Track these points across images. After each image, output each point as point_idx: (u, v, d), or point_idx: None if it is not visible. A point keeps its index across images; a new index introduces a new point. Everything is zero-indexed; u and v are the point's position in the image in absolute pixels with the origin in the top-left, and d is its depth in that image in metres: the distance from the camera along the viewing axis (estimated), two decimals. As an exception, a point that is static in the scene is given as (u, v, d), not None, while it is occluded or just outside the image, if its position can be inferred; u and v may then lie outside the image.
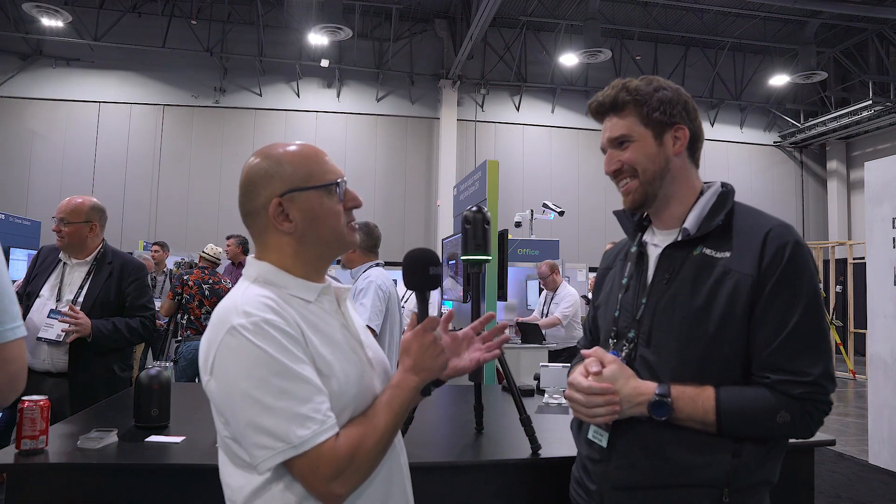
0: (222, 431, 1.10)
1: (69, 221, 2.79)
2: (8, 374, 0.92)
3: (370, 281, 2.99)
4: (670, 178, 1.32)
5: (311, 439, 1.00)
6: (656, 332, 1.28)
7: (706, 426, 1.21)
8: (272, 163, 1.17)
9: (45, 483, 1.69)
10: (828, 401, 1.20)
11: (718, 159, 14.54)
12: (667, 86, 1.33)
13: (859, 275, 8.36)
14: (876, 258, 4.73)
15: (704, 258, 1.26)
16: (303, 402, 1.01)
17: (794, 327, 1.18)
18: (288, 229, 1.13)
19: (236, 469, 1.09)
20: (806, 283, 1.21)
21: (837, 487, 4.19)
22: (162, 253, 7.42)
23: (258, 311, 1.04)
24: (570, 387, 1.30)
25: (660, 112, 1.30)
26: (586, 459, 1.38)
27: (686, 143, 1.33)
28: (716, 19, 13.14)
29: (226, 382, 1.03)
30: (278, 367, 1.01)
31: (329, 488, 1.02)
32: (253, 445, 1.01)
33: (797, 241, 1.22)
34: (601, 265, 1.57)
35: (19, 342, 0.93)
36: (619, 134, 1.32)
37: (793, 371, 1.18)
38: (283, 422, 0.99)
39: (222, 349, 1.03)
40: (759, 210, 1.32)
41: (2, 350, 0.90)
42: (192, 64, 12.62)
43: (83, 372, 2.67)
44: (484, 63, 13.60)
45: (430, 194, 13.42)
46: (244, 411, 1.01)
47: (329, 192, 1.16)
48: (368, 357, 1.20)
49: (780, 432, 1.23)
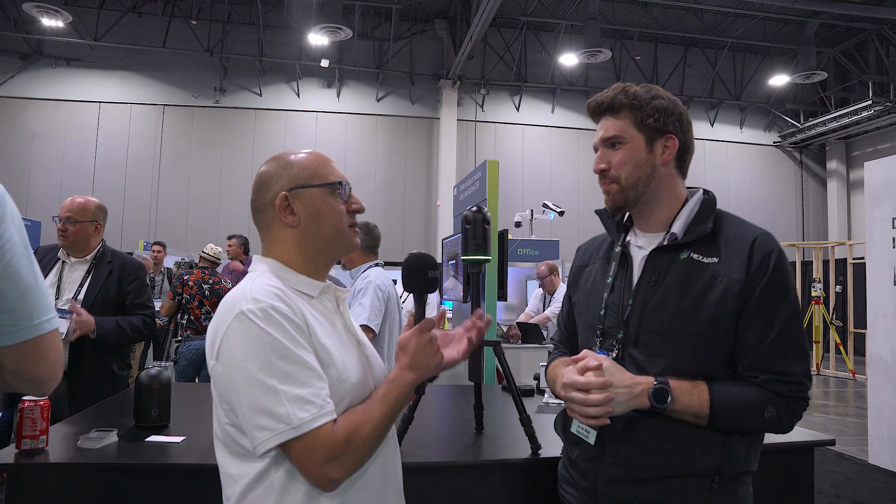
0: (223, 419, 1.12)
1: (76, 220, 2.80)
2: (48, 364, 0.96)
3: (369, 281, 2.99)
4: (655, 185, 1.37)
5: (310, 422, 1.03)
6: (644, 332, 1.32)
7: (699, 419, 1.26)
8: (282, 164, 1.24)
9: (45, 483, 1.68)
10: (807, 397, 1.30)
11: (718, 159, 14.55)
12: (665, 96, 1.38)
13: (859, 275, 8.37)
14: (876, 258, 4.73)
15: (692, 262, 1.32)
16: (304, 385, 1.05)
17: (779, 330, 1.27)
18: (292, 223, 1.20)
19: (235, 459, 1.12)
20: (789, 290, 1.30)
21: (837, 487, 4.19)
22: (163, 253, 7.43)
23: (266, 298, 1.09)
24: (566, 387, 1.31)
25: (654, 119, 1.34)
26: (576, 457, 1.40)
27: (674, 153, 1.37)
28: (716, 19, 13.14)
29: (231, 364, 1.07)
30: (283, 351, 1.05)
31: (324, 471, 1.05)
32: (254, 427, 1.04)
33: (780, 249, 1.31)
34: (575, 262, 1.60)
35: (54, 333, 0.97)
36: (613, 134, 1.37)
37: (779, 371, 1.27)
38: (285, 404, 1.03)
39: (229, 333, 1.07)
40: (741, 217, 1.39)
41: (40, 341, 0.94)
42: (192, 64, 12.63)
43: (83, 371, 2.68)
44: (484, 63, 13.61)
45: (430, 194, 13.43)
46: (248, 393, 1.04)
47: (333, 192, 1.22)
48: (366, 355, 1.26)
49: (766, 427, 1.30)
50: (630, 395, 1.26)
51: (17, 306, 0.91)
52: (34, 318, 0.93)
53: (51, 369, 0.98)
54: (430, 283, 1.26)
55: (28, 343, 0.92)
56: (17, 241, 0.91)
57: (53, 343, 0.97)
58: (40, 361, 0.95)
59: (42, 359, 0.95)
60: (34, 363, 0.95)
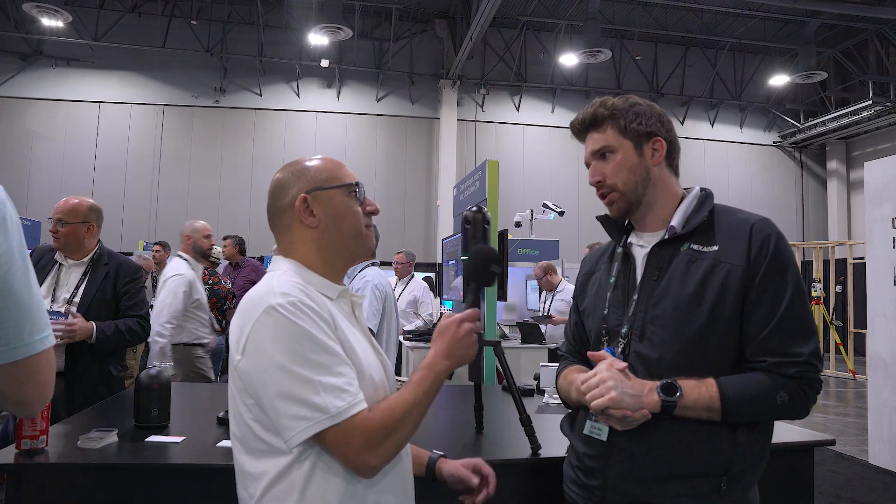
0: (245, 415, 1.12)
1: (66, 222, 2.78)
2: (37, 386, 0.90)
3: (367, 281, 2.98)
4: (651, 186, 1.41)
5: (347, 410, 1.05)
6: (649, 325, 1.33)
7: (712, 413, 1.25)
8: (298, 169, 1.26)
9: (45, 483, 1.68)
10: (818, 378, 1.28)
11: (718, 159, 14.55)
12: (641, 102, 1.43)
13: (859, 275, 8.36)
14: (876, 258, 4.73)
15: (692, 253, 1.34)
16: (337, 375, 1.07)
17: (785, 311, 1.26)
18: (312, 223, 1.22)
19: (255, 457, 1.12)
20: (791, 271, 1.30)
21: (837, 487, 4.19)
22: (164, 253, 7.42)
23: (294, 292, 1.11)
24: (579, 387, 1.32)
25: (636, 123, 1.39)
26: (584, 456, 1.40)
27: (664, 153, 1.41)
28: (716, 19, 13.14)
29: (261, 358, 1.07)
30: (315, 343, 1.07)
31: (362, 458, 1.07)
32: (289, 417, 1.05)
33: (779, 232, 1.32)
34: (582, 271, 1.61)
35: (48, 352, 0.90)
36: (601, 146, 1.41)
37: (786, 353, 1.26)
38: (321, 393, 1.04)
39: (257, 327, 1.08)
40: (736, 208, 1.41)
41: (31, 362, 0.87)
42: (192, 64, 12.63)
43: (80, 372, 2.67)
44: (484, 63, 13.61)
45: (430, 194, 13.43)
46: (280, 384, 1.05)
47: (349, 193, 1.25)
48: (382, 358, 1.28)
49: (780, 413, 1.29)
50: (638, 396, 1.26)
51: (9, 324, 0.84)
52: (25, 338, 0.86)
53: (40, 391, 0.91)
54: (490, 276, 1.31)
55: (18, 364, 0.86)
56: (15, 254, 0.85)
57: (46, 364, 0.90)
58: (28, 383, 0.88)
59: (31, 380, 0.88)
60: (22, 385, 0.88)
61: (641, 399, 1.26)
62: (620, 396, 1.25)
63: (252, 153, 12.82)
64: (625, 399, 1.25)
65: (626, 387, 1.26)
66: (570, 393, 1.45)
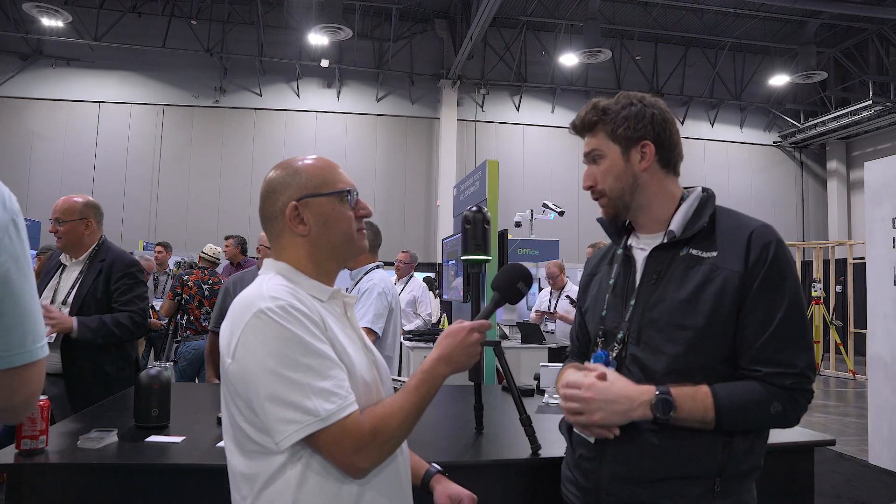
0: (236, 417, 1.12)
1: (64, 220, 2.78)
2: (25, 395, 0.91)
3: (374, 283, 2.97)
4: (641, 191, 1.39)
5: (337, 413, 1.05)
6: (645, 329, 1.32)
7: (705, 424, 1.24)
8: (290, 172, 1.25)
9: (45, 483, 1.68)
10: (811, 390, 1.28)
11: (718, 159, 14.55)
12: (636, 101, 1.39)
13: (859, 275, 8.36)
14: (876, 258, 4.73)
15: (691, 258, 1.32)
16: (327, 378, 1.07)
17: (781, 321, 1.25)
18: (302, 232, 1.22)
19: (249, 458, 1.12)
20: (790, 280, 1.28)
21: (837, 487, 4.19)
22: (165, 253, 7.43)
23: (284, 296, 1.11)
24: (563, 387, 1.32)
25: (624, 128, 1.37)
26: (579, 457, 1.41)
27: (652, 157, 1.38)
28: (716, 19, 13.14)
29: (251, 361, 1.07)
30: (304, 346, 1.07)
31: (352, 460, 1.07)
32: (279, 420, 1.05)
33: (779, 239, 1.30)
34: (585, 272, 1.61)
35: (39, 363, 0.91)
36: (591, 149, 1.42)
37: (782, 363, 1.25)
38: (311, 397, 1.05)
39: (247, 330, 1.08)
40: (739, 212, 1.39)
41: (23, 371, 0.88)
42: (192, 64, 12.63)
43: (77, 371, 2.66)
44: (484, 63, 13.61)
45: (430, 194, 13.43)
46: (270, 388, 1.05)
47: (341, 199, 1.25)
48: (373, 358, 1.28)
49: (773, 422, 1.29)
50: (631, 405, 1.25)
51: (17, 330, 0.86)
52: (28, 345, 0.87)
53: (29, 399, 0.91)
54: (516, 293, 1.38)
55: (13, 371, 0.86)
56: (28, 262, 0.86)
57: (35, 373, 0.91)
58: (21, 391, 0.89)
59: (24, 388, 0.89)
60: (14, 393, 0.89)
61: (630, 414, 1.25)
62: (607, 417, 1.25)
63: (252, 153, 12.82)
64: (611, 419, 1.25)
65: (612, 401, 1.25)
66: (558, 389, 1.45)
